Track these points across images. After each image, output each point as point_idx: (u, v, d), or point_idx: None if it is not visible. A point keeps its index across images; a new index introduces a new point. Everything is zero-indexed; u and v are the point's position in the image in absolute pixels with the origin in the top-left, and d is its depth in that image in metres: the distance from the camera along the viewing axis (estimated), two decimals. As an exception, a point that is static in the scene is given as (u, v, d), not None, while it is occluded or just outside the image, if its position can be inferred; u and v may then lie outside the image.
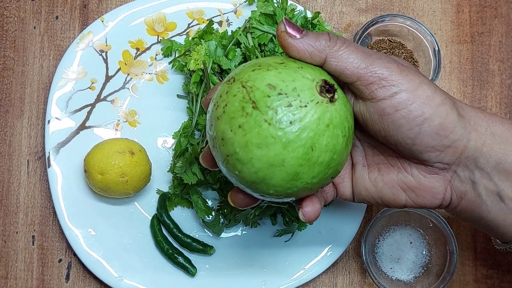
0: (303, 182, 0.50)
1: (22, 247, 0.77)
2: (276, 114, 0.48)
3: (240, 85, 0.50)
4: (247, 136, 0.48)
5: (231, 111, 0.49)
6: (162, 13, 0.79)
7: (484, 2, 0.83)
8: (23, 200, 0.78)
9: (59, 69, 0.77)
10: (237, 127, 0.49)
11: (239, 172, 0.50)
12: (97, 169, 0.71)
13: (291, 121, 0.48)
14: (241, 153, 0.49)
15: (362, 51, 0.52)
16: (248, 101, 0.49)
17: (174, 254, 0.75)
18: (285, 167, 0.49)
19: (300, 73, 0.50)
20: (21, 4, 0.81)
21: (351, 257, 0.79)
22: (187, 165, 0.72)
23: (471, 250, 0.79)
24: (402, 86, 0.51)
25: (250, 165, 0.49)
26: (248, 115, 0.48)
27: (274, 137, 0.48)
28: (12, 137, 0.79)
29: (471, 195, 0.54)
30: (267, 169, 0.49)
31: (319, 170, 0.50)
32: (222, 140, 0.50)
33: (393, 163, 0.56)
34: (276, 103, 0.48)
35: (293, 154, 0.48)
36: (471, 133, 0.52)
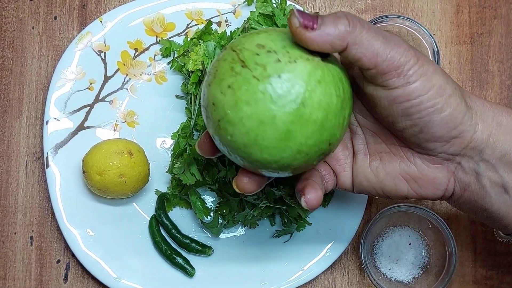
0: (297, 142, 0.49)
1: (21, 248, 0.77)
2: (265, 70, 0.48)
3: (230, 50, 0.50)
4: (237, 95, 0.48)
5: (220, 74, 0.49)
6: (161, 14, 0.79)
7: (483, 3, 0.83)
8: (21, 201, 0.78)
9: (57, 70, 0.77)
10: (227, 88, 0.48)
11: (231, 137, 0.49)
12: (96, 169, 0.71)
13: (280, 75, 0.47)
14: (232, 113, 0.48)
15: (382, 36, 0.49)
16: (237, 62, 0.49)
17: (173, 254, 0.75)
18: (276, 124, 0.48)
19: (285, 33, 0.50)
20: (20, 4, 0.81)
21: (350, 257, 0.79)
22: (186, 165, 0.72)
23: (471, 251, 0.79)
24: (416, 75, 0.49)
25: (241, 125, 0.48)
26: (237, 74, 0.48)
27: (263, 92, 0.47)
28: (11, 138, 0.79)
29: (475, 187, 0.53)
30: (258, 128, 0.48)
31: (313, 129, 0.48)
32: (213, 106, 0.49)
33: (395, 152, 0.55)
34: (265, 60, 0.48)
35: (284, 110, 0.47)
36: (478, 123, 0.52)
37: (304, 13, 0.49)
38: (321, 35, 0.48)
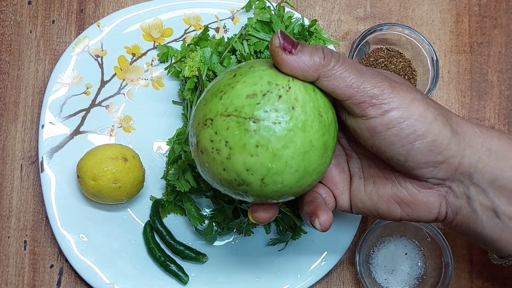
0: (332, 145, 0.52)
1: (14, 252, 0.77)
2: (277, 111, 0.49)
3: (224, 118, 0.49)
4: (271, 147, 0.48)
5: (237, 142, 0.49)
6: (159, 19, 0.79)
7: (483, 12, 0.82)
8: (15, 205, 0.78)
9: (54, 74, 0.77)
10: (255, 148, 0.48)
11: (282, 186, 0.50)
12: (90, 175, 0.71)
13: (293, 107, 0.49)
14: (275, 165, 0.49)
15: (355, 69, 0.51)
16: (246, 121, 0.48)
17: (167, 261, 0.75)
18: (315, 146, 0.50)
19: (257, 69, 0.51)
20: (18, 8, 0.80)
21: (345, 267, 0.78)
22: (180, 172, 0.71)
23: (467, 262, 0.78)
24: (393, 104, 0.50)
25: (289, 168, 0.49)
26: (257, 130, 0.48)
27: (292, 130, 0.48)
28: (6, 141, 0.78)
29: (466, 211, 0.54)
30: (304, 158, 0.49)
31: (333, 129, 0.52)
32: (248, 171, 0.49)
33: (388, 176, 0.56)
34: (270, 103, 0.49)
35: (315, 128, 0.50)
36: (465, 149, 0.52)
37: (287, 36, 0.51)
38: (296, 61, 0.50)
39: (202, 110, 0.51)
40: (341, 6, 0.82)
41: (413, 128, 0.50)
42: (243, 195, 0.52)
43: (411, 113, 0.50)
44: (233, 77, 0.51)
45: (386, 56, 0.79)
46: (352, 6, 0.82)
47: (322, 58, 0.50)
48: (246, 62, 0.53)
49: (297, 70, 0.50)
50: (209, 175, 0.52)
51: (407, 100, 0.51)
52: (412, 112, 0.50)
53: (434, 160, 0.51)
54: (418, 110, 0.51)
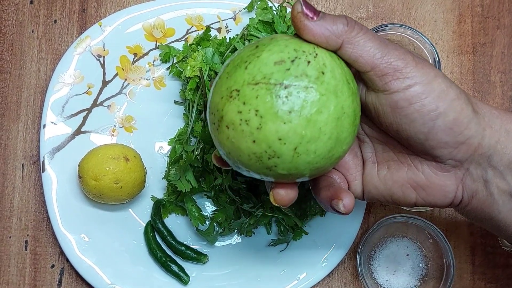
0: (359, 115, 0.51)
1: (15, 252, 0.77)
2: (308, 76, 0.47)
3: (252, 86, 0.47)
4: (304, 112, 0.46)
5: (268, 109, 0.46)
6: (161, 19, 0.79)
7: (486, 13, 0.82)
8: (17, 205, 0.78)
9: (55, 73, 0.77)
10: (288, 114, 0.46)
11: (315, 156, 0.48)
12: (91, 174, 0.71)
13: (323, 72, 0.48)
14: (308, 131, 0.47)
15: (379, 40, 0.50)
16: (276, 87, 0.46)
17: (168, 262, 0.75)
18: (346, 112, 0.48)
19: (280, 39, 0.50)
20: (20, 7, 0.80)
21: (346, 268, 0.78)
22: (181, 172, 0.71)
23: (469, 264, 0.78)
24: (416, 78, 0.49)
25: (323, 135, 0.47)
26: (288, 96, 0.46)
27: (325, 94, 0.47)
28: (8, 141, 0.78)
29: (482, 194, 0.53)
30: (337, 124, 0.48)
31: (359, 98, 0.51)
32: (280, 141, 0.46)
33: (403, 160, 0.55)
34: (300, 68, 0.47)
35: (346, 94, 0.48)
36: (485, 129, 0.51)
37: (308, 3, 0.49)
38: (319, 27, 0.48)
39: (225, 83, 0.49)
40: (344, 6, 0.82)
41: (435, 104, 0.49)
42: (270, 172, 0.49)
43: (433, 88, 0.49)
44: (255, 48, 0.49)
45: (388, 57, 0.79)
46: (354, 6, 0.82)
47: (346, 24, 0.49)
48: (264, 36, 0.52)
49: (320, 36, 0.49)
50: (235, 153, 0.48)
51: (430, 76, 0.50)
52: (435, 88, 0.49)
53: (454, 140, 0.50)
54: (441, 86, 0.50)
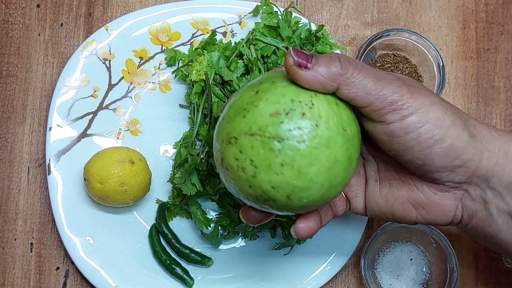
0: (356, 158, 0.52)
1: (20, 254, 0.77)
2: (301, 129, 0.48)
3: (248, 137, 0.49)
4: (295, 165, 0.48)
5: (263, 161, 0.49)
6: (167, 23, 0.79)
7: (491, 19, 0.82)
8: (22, 207, 0.78)
9: (61, 77, 0.77)
10: (280, 167, 0.48)
11: (307, 199, 0.50)
12: (97, 177, 0.71)
13: (317, 124, 0.49)
14: (300, 182, 0.49)
15: (373, 76, 0.51)
16: (270, 140, 0.48)
17: (172, 264, 0.75)
18: (339, 160, 0.50)
19: (279, 86, 0.51)
20: (26, 11, 0.81)
21: (350, 272, 0.78)
22: (186, 175, 0.71)
23: (473, 269, 0.78)
24: (412, 109, 0.50)
25: (314, 185, 0.49)
26: (281, 149, 0.48)
27: (317, 147, 0.48)
28: (14, 144, 0.79)
29: (482, 214, 0.54)
30: (329, 173, 0.49)
31: (356, 141, 0.52)
32: (274, 189, 0.49)
33: (404, 179, 0.56)
34: (293, 121, 0.49)
35: (339, 143, 0.49)
36: (483, 153, 0.52)
37: (299, 51, 0.50)
38: (314, 75, 0.50)
39: (225, 127, 0.51)
40: (348, 11, 0.82)
41: (431, 133, 0.50)
42: (269, 209, 0.52)
43: (429, 117, 0.50)
44: (255, 93, 0.51)
45: (392, 62, 0.79)
46: (359, 11, 0.82)
47: (340, 67, 0.50)
48: (267, 75, 0.53)
49: (316, 83, 0.50)
50: (235, 190, 0.52)
51: (426, 105, 0.51)
52: (431, 117, 0.50)
53: (451, 164, 0.51)
54: (437, 114, 0.51)
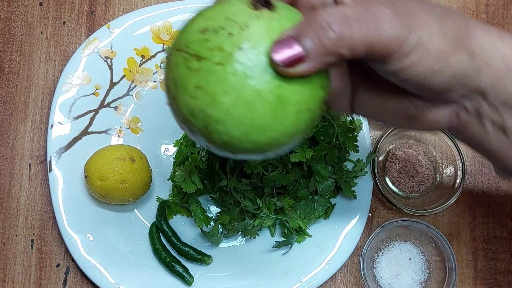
0: (294, 103, 0.44)
1: (21, 251, 0.78)
2: (223, 51, 0.42)
3: (176, 52, 0.44)
4: (209, 91, 0.42)
5: (181, 80, 0.43)
6: (168, 22, 0.79)
7: (491, 20, 0.82)
8: (23, 204, 0.78)
9: (63, 75, 0.78)
10: (195, 90, 0.43)
11: (226, 135, 0.44)
12: (97, 175, 0.71)
13: (240, 47, 0.42)
14: (215, 112, 0.43)
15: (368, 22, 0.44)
16: (191, 58, 0.43)
17: (172, 262, 0.75)
18: (264, 97, 0.43)
19: (226, 3, 0.45)
20: (29, 9, 0.81)
21: (349, 271, 0.78)
22: (187, 174, 0.72)
23: (471, 268, 0.78)
24: (409, 46, 0.45)
25: (230, 117, 0.43)
26: (198, 70, 0.42)
27: (234, 74, 0.42)
28: (15, 141, 0.79)
29: (475, 127, 0.51)
30: (248, 111, 0.43)
31: (301, 81, 0.44)
32: (192, 115, 0.44)
33: (396, 92, 0.51)
34: (217, 41, 0.42)
35: (264, 78, 0.42)
36: (483, 69, 0.48)
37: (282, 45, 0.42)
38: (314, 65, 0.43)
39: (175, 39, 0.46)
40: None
41: (430, 67, 0.46)
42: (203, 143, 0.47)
43: (426, 50, 0.46)
44: (210, 7, 0.45)
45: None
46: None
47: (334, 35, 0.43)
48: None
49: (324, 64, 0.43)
50: (174, 115, 0.47)
51: (424, 37, 0.46)
52: (428, 49, 0.46)
53: (450, 88, 0.48)
54: (434, 45, 0.46)
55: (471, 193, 0.80)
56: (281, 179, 0.71)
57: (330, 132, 0.71)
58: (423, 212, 0.75)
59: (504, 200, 0.80)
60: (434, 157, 0.79)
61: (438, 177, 0.79)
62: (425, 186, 0.79)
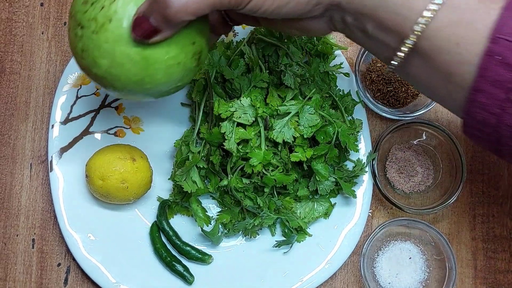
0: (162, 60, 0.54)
1: (22, 250, 0.78)
2: (97, 21, 0.52)
3: (70, 17, 0.55)
4: (91, 55, 0.53)
5: (72, 43, 0.54)
6: (169, 22, 0.79)
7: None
8: (24, 203, 0.79)
9: (64, 75, 0.78)
10: (81, 52, 0.54)
11: (115, 88, 0.55)
12: (98, 174, 0.72)
13: (111, 19, 0.52)
14: (97, 71, 0.54)
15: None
16: (77, 26, 0.53)
17: (172, 261, 0.75)
18: (133, 58, 0.53)
19: None
20: (30, 10, 0.82)
21: (349, 270, 0.79)
22: (187, 173, 0.72)
23: (471, 268, 0.78)
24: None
25: (109, 75, 0.54)
26: (82, 37, 0.53)
27: (106, 41, 0.52)
28: (16, 141, 0.79)
29: (347, 31, 0.58)
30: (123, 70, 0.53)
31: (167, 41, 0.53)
32: (84, 70, 0.56)
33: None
34: (93, 12, 0.52)
35: (132, 43, 0.52)
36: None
37: (135, 22, 0.51)
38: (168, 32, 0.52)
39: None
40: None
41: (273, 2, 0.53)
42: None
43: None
44: None
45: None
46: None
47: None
48: None
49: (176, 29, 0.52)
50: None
51: None
52: None
53: (307, 9, 0.54)
54: None
55: (471, 193, 0.80)
56: (281, 178, 0.72)
57: (330, 132, 0.71)
58: (423, 212, 0.76)
59: (504, 199, 0.80)
60: (434, 156, 0.79)
61: (438, 176, 0.79)
62: (425, 185, 0.79)
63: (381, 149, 0.78)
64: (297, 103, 0.70)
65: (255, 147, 0.70)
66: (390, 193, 0.78)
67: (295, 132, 0.69)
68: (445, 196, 0.77)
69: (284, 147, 0.71)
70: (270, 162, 0.71)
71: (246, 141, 0.70)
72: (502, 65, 0.48)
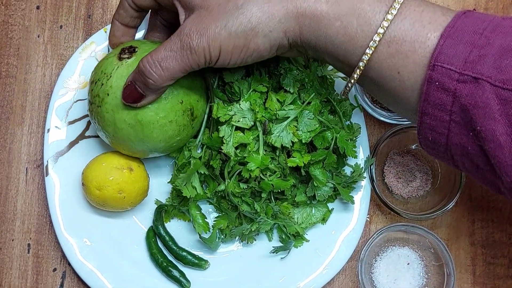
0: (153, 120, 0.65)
1: (18, 255, 0.77)
2: (99, 97, 0.66)
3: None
4: (101, 124, 0.67)
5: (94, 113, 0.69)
6: (166, 25, 0.79)
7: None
8: (20, 208, 0.78)
9: (60, 78, 0.77)
10: (96, 119, 0.68)
11: (121, 147, 0.70)
12: (95, 184, 0.71)
13: (108, 93, 0.65)
14: (107, 135, 0.68)
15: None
16: (90, 101, 0.68)
17: (169, 267, 0.75)
18: (130, 124, 0.65)
19: (105, 58, 0.67)
20: (26, 13, 0.81)
21: (347, 276, 0.78)
22: (188, 178, 0.71)
23: (470, 274, 0.78)
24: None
25: (117, 139, 0.68)
26: (93, 111, 0.68)
27: (108, 112, 0.65)
28: (12, 144, 0.79)
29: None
30: (124, 133, 0.66)
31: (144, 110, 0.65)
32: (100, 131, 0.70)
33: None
34: (96, 90, 0.66)
35: (126, 111, 0.65)
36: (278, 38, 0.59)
37: (125, 90, 0.64)
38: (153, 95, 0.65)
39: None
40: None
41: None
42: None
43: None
44: (101, 60, 0.69)
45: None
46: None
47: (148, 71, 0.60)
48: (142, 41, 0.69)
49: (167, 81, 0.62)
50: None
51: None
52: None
53: (272, 54, 0.60)
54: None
55: (470, 198, 0.79)
56: (279, 184, 0.71)
57: (329, 137, 0.70)
58: (421, 217, 0.75)
59: (503, 204, 0.79)
60: (433, 161, 0.79)
61: (437, 181, 0.79)
62: (424, 190, 0.78)
63: (379, 154, 0.77)
64: (296, 108, 0.69)
65: (253, 151, 0.70)
66: (388, 198, 0.77)
67: (293, 137, 0.69)
68: (444, 201, 0.76)
69: (282, 152, 0.71)
70: (268, 167, 0.70)
71: (244, 145, 0.70)
72: (441, 90, 0.52)
